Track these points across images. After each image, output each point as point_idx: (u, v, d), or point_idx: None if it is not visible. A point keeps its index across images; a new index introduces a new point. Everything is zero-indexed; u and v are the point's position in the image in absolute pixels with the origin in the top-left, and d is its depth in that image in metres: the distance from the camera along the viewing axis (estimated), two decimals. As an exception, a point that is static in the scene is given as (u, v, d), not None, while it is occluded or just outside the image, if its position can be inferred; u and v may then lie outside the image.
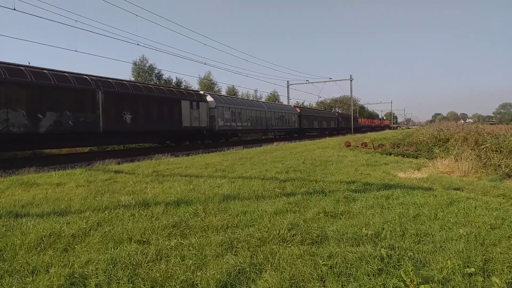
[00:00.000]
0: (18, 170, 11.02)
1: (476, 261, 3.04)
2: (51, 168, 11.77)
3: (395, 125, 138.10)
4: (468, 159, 9.27)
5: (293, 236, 3.72)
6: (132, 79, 48.17)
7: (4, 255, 3.32)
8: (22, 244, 3.54)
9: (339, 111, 60.75)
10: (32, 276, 2.87)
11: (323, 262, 3.03)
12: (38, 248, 3.49)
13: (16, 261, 3.17)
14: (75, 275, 2.85)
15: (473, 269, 2.87)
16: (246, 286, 2.70)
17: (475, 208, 4.89)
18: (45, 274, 2.90)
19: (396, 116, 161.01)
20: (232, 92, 63.88)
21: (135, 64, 49.15)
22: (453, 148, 12.63)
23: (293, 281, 2.75)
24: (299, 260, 3.10)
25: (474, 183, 7.16)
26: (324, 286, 2.67)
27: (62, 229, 4.01)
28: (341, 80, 53.43)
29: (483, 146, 12.56)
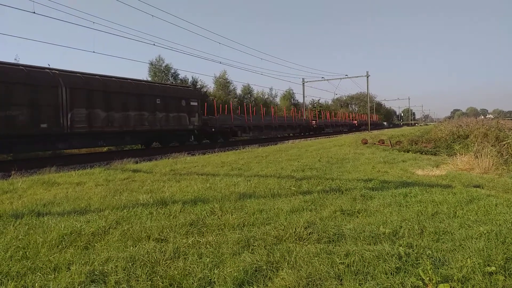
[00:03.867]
0: (39, 169, 11.29)
1: (497, 260, 2.98)
2: (71, 167, 12.01)
3: (412, 122, 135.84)
4: (488, 156, 9.06)
5: (309, 235, 3.71)
6: (149, 79, 48.70)
7: (27, 253, 3.40)
8: (44, 242, 3.63)
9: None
10: (54, 274, 2.94)
11: (340, 261, 3.01)
12: (60, 246, 3.57)
13: (38, 259, 3.25)
14: (96, 273, 2.91)
15: (493, 268, 2.81)
16: (263, 284, 2.71)
17: (496, 205, 4.79)
18: (67, 271, 2.97)
19: (414, 113, 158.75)
20: (247, 90, 63.79)
21: (151, 64, 49.66)
22: (472, 144, 12.37)
23: (310, 279, 2.74)
24: (315, 258, 3.10)
25: (495, 180, 7.01)
26: (341, 285, 2.66)
27: (82, 227, 4.09)
28: (357, 76, 52.81)
29: (505, 142, 12.28)
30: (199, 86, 49.05)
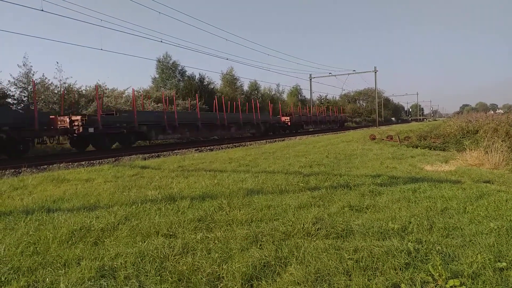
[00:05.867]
0: (48, 166, 11.41)
1: (507, 256, 2.95)
2: (80, 164, 12.10)
3: (421, 117, 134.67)
4: (498, 151, 8.96)
5: (317, 230, 3.71)
6: (157, 76, 48.84)
7: (37, 248, 3.44)
8: (54, 238, 3.67)
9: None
10: (64, 269, 2.97)
11: (349, 256, 3.00)
12: (70, 242, 3.61)
13: (49, 254, 3.29)
14: (105, 268, 2.93)
15: (504, 264, 2.79)
16: (272, 279, 2.71)
17: (506, 201, 4.73)
18: (77, 266, 2.99)
19: (422, 108, 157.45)
20: (254, 87, 63.65)
21: (159, 61, 49.69)
22: (482, 140, 12.24)
23: (318, 275, 2.74)
24: (324, 254, 3.09)
25: (505, 176, 6.93)
26: (350, 280, 2.65)
27: (92, 223, 4.13)
28: (365, 72, 52.51)
29: (515, 137, 12.13)
30: (206, 82, 48.94)
